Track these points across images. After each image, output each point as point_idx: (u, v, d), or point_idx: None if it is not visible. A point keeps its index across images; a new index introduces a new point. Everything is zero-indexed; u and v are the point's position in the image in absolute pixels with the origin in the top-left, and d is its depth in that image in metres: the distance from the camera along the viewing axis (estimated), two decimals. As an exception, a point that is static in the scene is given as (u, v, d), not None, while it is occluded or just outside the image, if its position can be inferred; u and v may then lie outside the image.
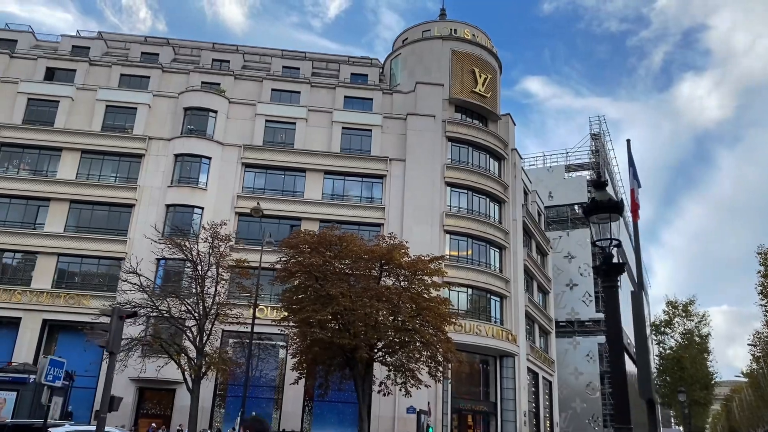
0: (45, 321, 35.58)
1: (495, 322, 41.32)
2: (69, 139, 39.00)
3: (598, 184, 7.81)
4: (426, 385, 27.58)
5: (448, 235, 40.65)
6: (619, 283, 7.44)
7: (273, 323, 28.16)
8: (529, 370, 44.94)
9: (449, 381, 36.55)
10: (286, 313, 26.17)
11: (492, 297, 41.98)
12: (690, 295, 64.45)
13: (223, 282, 27.12)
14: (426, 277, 27.28)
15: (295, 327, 26.03)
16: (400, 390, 27.48)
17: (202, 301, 26.00)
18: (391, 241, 27.27)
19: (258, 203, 30.01)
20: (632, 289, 12.49)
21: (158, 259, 34.32)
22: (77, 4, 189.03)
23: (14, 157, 39.18)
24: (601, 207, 7.52)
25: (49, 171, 38.87)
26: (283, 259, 25.87)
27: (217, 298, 26.28)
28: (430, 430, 26.50)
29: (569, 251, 63.09)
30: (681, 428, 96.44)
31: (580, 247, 62.83)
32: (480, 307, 41.30)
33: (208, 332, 26.00)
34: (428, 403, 28.57)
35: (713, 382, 57.23)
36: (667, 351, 62.92)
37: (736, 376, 79.73)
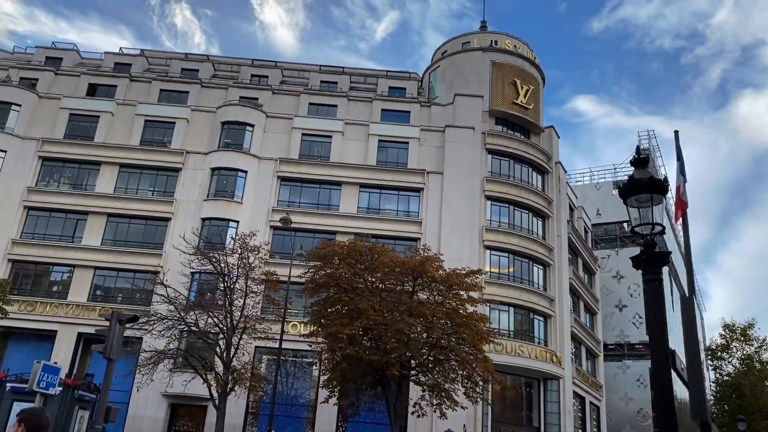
0: (80, 334, 35.52)
1: (539, 342, 39.41)
2: (108, 153, 39.34)
3: (639, 161, 6.55)
4: (463, 407, 26.06)
5: (488, 251, 39.14)
6: (662, 277, 6.16)
7: (302, 338, 27.17)
8: (575, 394, 42.67)
9: (489, 404, 34.83)
10: (314, 327, 25.15)
11: (535, 316, 40.11)
12: (749, 319, 60.82)
13: (253, 294, 26.34)
14: (462, 292, 25.93)
15: (324, 342, 24.99)
16: (435, 411, 26.04)
17: (230, 314, 25.26)
18: (425, 253, 26.05)
19: (287, 213, 29.33)
20: (682, 293, 10.81)
21: (192, 273, 33.95)
22: (133, 30, 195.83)
23: (55, 171, 39.71)
24: (642, 186, 6.28)
25: (88, 185, 39.20)
26: (311, 270, 24.95)
27: (245, 311, 25.49)
28: (466, 454, 24.90)
29: (618, 270, 60.35)
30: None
31: (629, 267, 59.99)
32: (523, 327, 39.48)
33: (235, 346, 25.20)
34: (464, 426, 27.00)
35: (776, 411, 53.37)
36: (725, 377, 59.40)
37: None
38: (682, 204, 10.52)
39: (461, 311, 25.52)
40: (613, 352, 57.45)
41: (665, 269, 63.64)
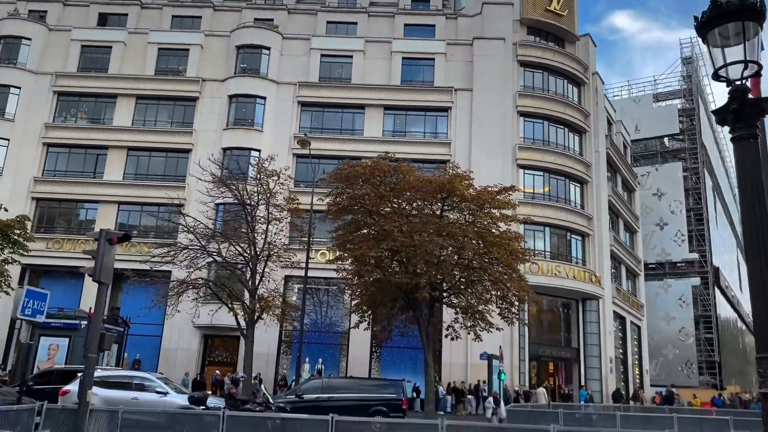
0: (109, 270, 35.28)
1: (576, 263, 37.94)
2: (123, 85, 38.06)
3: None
4: (498, 329, 24.95)
5: (521, 171, 37.28)
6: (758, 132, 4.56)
7: (325, 262, 26.13)
8: (616, 314, 41.42)
9: (526, 325, 33.84)
10: (340, 252, 24.01)
11: (573, 236, 38.49)
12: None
13: (276, 222, 25.25)
14: (494, 211, 24.36)
15: (350, 267, 23.91)
16: (469, 334, 25.04)
17: (252, 242, 24.30)
18: (453, 171, 24.41)
19: (306, 134, 27.82)
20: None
21: (217, 204, 33.06)
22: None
23: (71, 106, 38.72)
24: (730, 12, 4.58)
25: (106, 119, 38.22)
26: (333, 194, 23.60)
27: (268, 237, 24.49)
28: (503, 376, 24.00)
29: (659, 188, 57.90)
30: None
31: (670, 183, 57.51)
32: (560, 247, 37.97)
33: (260, 274, 24.35)
34: (500, 347, 26.04)
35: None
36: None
37: None
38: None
39: (494, 230, 24.02)
40: (654, 272, 55.82)
41: (707, 179, 60.58)
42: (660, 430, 18.63)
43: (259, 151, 35.72)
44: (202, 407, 14.01)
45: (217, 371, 32.70)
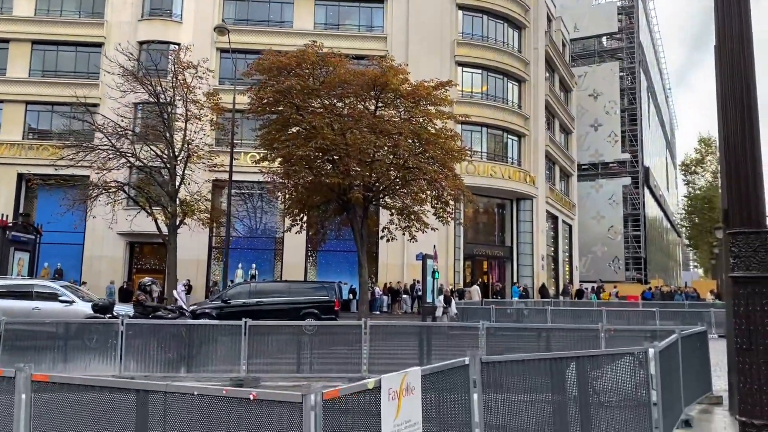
0: (20, 175, 32.76)
1: (512, 163, 37.76)
2: (20, -33, 33.89)
3: None
4: (433, 229, 24.61)
5: (460, 68, 36.02)
6: None
7: (254, 165, 24.73)
8: (549, 214, 42.02)
9: (461, 225, 33.85)
10: (266, 152, 22.59)
11: (509, 136, 38.07)
12: (725, 132, 59.42)
13: (196, 120, 23.43)
14: (431, 107, 23.31)
15: (279, 168, 22.62)
16: (404, 234, 24.61)
17: (170, 142, 22.57)
18: (387, 63, 22.97)
19: (223, 20, 25.55)
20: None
21: (136, 105, 30.61)
22: None
23: (-39, -7, 34.43)
24: None
25: (5, 7, 34.22)
26: (255, 87, 21.84)
27: (187, 136, 22.78)
28: (437, 275, 23.87)
29: (595, 88, 57.75)
30: (700, 271, 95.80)
31: (606, 83, 57.43)
32: (496, 147, 37.57)
33: (180, 176, 22.83)
34: (434, 246, 25.78)
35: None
36: (697, 191, 59.66)
37: None
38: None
39: (430, 128, 23.07)
40: (587, 172, 56.74)
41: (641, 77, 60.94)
42: (589, 322, 18.87)
43: (178, 45, 32.79)
44: (108, 315, 13.04)
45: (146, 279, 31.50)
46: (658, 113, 75.49)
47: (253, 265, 32.75)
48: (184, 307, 16.26)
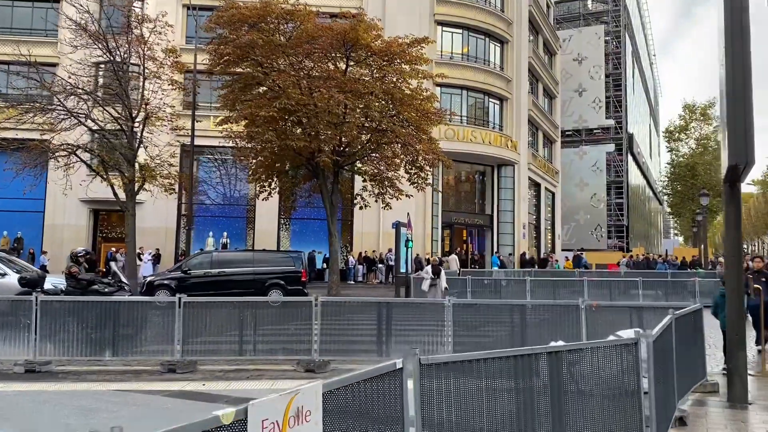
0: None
1: (493, 127, 36.46)
2: None
3: None
4: (408, 195, 23.46)
5: (440, 28, 34.46)
6: None
7: (218, 129, 23.25)
8: (531, 181, 40.96)
9: (438, 192, 32.67)
10: (228, 113, 21.06)
11: (491, 100, 36.72)
12: (710, 98, 58.63)
13: (156, 79, 21.82)
14: (405, 66, 21.90)
15: (240, 130, 21.15)
16: (376, 201, 23.44)
17: (125, 102, 21.00)
18: (359, 18, 21.45)
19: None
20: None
21: (97, 64, 28.78)
22: None
23: None
24: None
25: (-48, -41, 31.94)
26: (214, 42, 20.23)
27: (144, 95, 21.23)
28: (410, 244, 22.74)
29: (579, 52, 56.34)
30: (680, 239, 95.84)
31: (591, 47, 56.02)
32: (477, 111, 36.24)
33: (138, 139, 21.33)
34: (408, 214, 24.59)
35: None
36: (680, 158, 58.93)
37: (747, 184, 76.42)
38: None
39: (404, 87, 21.69)
40: (571, 138, 55.67)
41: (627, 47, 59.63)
42: (571, 293, 17.99)
43: (142, 0, 30.96)
44: (38, 290, 11.79)
45: (113, 248, 30.15)
46: (643, 80, 74.29)
47: (225, 234, 31.45)
48: (123, 280, 14.96)
